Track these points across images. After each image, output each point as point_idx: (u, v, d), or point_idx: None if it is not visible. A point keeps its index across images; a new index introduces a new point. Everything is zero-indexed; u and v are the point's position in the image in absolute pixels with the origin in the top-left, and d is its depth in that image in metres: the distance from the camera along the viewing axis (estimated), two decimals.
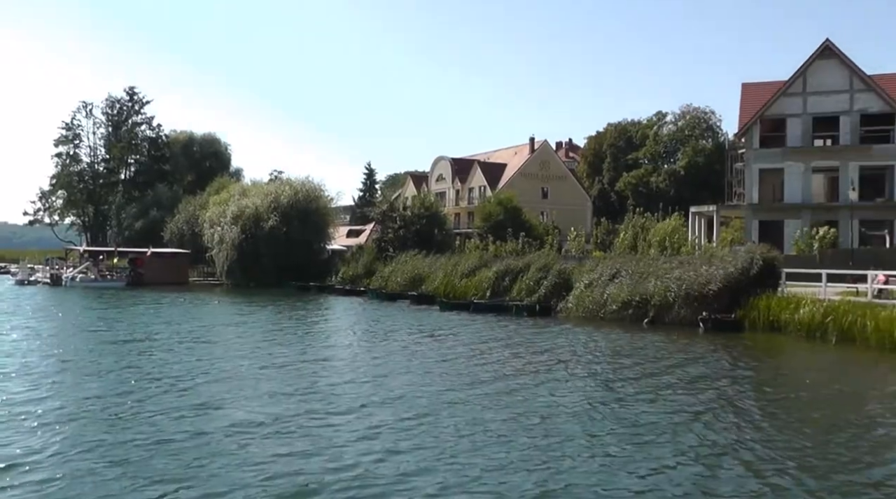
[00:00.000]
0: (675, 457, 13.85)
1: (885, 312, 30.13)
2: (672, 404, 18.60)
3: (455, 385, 20.59)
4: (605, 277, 42.61)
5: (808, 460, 13.84)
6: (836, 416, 17.81)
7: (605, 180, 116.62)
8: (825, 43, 60.45)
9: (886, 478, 12.93)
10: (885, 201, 59.31)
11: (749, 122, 62.09)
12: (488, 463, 13.29)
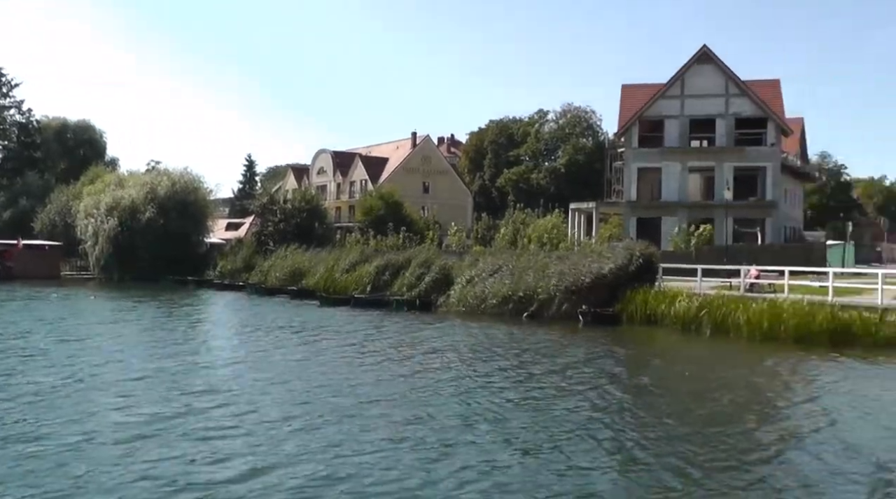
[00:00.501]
0: (559, 449, 13.91)
1: (756, 305, 31.31)
2: (551, 396, 18.75)
3: (338, 383, 20.08)
4: (485, 273, 42.83)
5: (689, 449, 14.11)
6: (714, 404, 18.37)
7: (487, 176, 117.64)
8: (702, 49, 62.33)
9: (764, 463, 13.38)
10: (757, 201, 61.66)
11: (628, 122, 63.55)
12: (371, 460, 13.09)
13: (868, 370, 23.50)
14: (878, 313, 28.84)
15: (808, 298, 30.97)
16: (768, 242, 59.61)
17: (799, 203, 79.37)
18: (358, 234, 72.78)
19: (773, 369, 24.16)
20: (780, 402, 18.97)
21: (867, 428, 16.01)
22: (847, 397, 19.36)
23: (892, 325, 28.16)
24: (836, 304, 30.23)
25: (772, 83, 66.31)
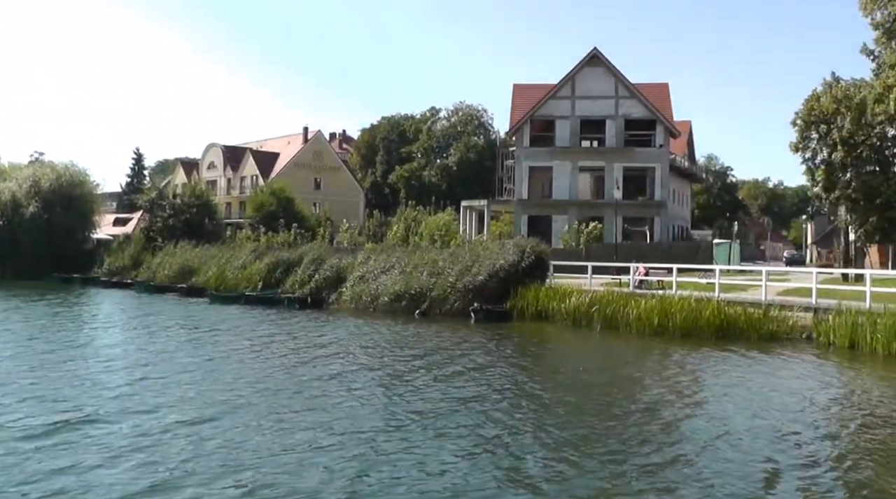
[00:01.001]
0: (455, 445, 13.73)
1: (645, 301, 31.87)
2: (445, 392, 18.53)
3: (233, 383, 19.26)
4: (377, 270, 42.62)
5: (582, 440, 14.16)
6: (609, 397, 18.53)
7: (379, 173, 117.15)
8: (593, 51, 63.39)
9: (661, 451, 13.49)
10: (646, 200, 63.08)
11: (520, 121, 64.16)
12: (259, 460, 12.69)
13: (752, 363, 24.02)
14: (763, 309, 29.76)
15: (695, 295, 31.65)
16: (657, 240, 60.98)
17: (687, 203, 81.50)
18: (249, 230, 71.53)
19: (664, 363, 24.55)
20: (671, 394, 19.14)
21: (748, 416, 16.44)
22: (732, 387, 19.86)
23: (776, 320, 29.09)
24: (723, 300, 31.09)
25: (661, 86, 67.90)
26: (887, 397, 18.77)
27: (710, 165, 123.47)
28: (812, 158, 37.02)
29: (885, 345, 25.07)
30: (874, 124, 34.19)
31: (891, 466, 12.85)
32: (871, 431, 15.38)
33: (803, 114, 36.45)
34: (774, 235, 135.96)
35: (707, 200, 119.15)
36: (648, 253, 49.81)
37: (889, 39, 36.05)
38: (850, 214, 37.33)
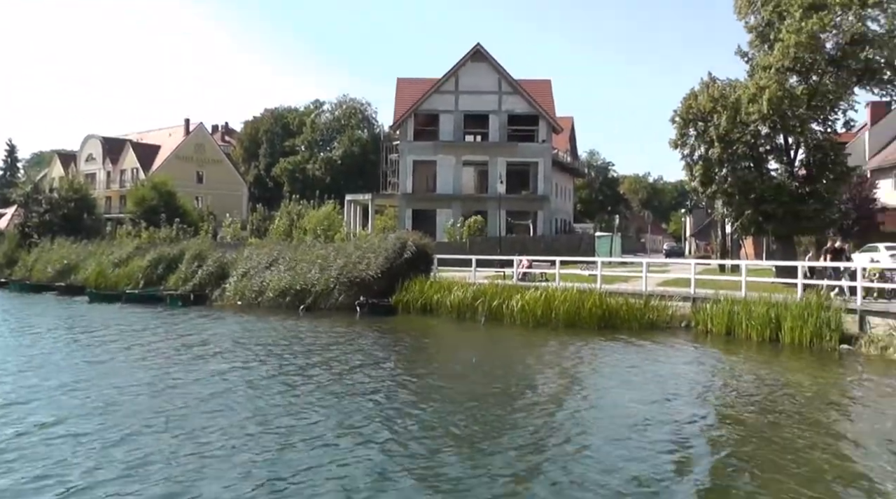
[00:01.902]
0: (345, 438, 13.53)
1: (528, 293, 32.21)
2: (331, 386, 18.25)
3: (121, 387, 18.12)
4: (261, 265, 41.94)
5: (469, 429, 14.21)
6: (506, 387, 18.55)
7: (262, 166, 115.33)
8: (476, 47, 63.77)
9: (538, 437, 13.62)
10: (529, 194, 63.82)
11: (404, 115, 64.08)
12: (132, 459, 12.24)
13: (635, 350, 24.60)
14: (643, 299, 30.46)
15: (578, 286, 32.16)
16: (540, 233, 61.82)
17: (569, 197, 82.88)
18: (130, 225, 69.51)
19: (553, 353, 24.78)
20: (565, 382, 19.55)
21: (639, 400, 16.83)
22: (619, 374, 20.36)
23: (656, 309, 29.90)
24: (605, 291, 31.65)
25: (543, 83, 68.81)
26: (762, 380, 19.52)
27: (592, 160, 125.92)
28: (690, 154, 37.82)
29: (759, 332, 26.11)
30: (748, 123, 35.18)
31: (769, 442, 13.43)
32: (748, 411, 15.99)
33: (682, 112, 37.23)
34: (654, 228, 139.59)
35: (589, 194, 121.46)
36: (532, 246, 50.44)
37: (762, 42, 37.22)
38: (727, 207, 38.32)
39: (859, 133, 67.55)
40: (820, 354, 23.80)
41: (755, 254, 55.59)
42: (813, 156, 36.88)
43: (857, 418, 15.76)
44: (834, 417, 15.72)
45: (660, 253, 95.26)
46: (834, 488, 11.11)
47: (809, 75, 36.00)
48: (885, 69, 35.64)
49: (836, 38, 35.67)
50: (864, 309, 25.30)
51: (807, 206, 35.80)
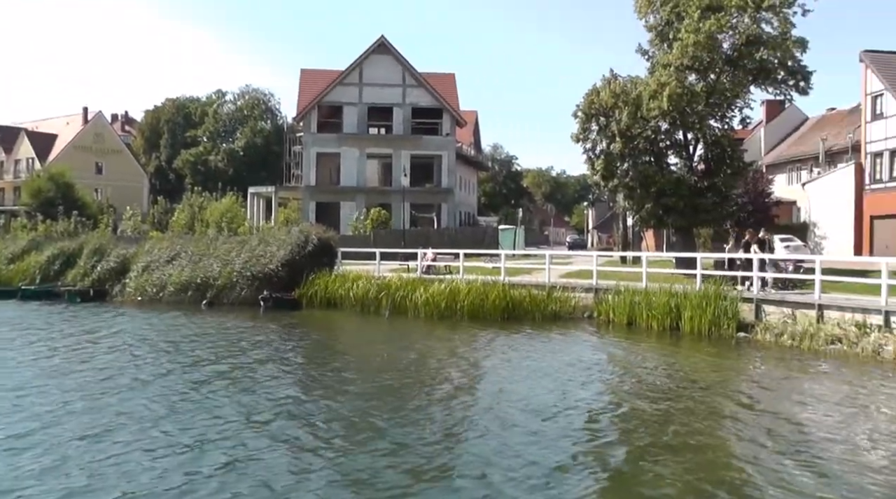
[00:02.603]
0: (259, 435, 13.34)
1: (432, 286, 32.33)
2: (240, 383, 17.92)
3: (18, 388, 17.37)
4: (163, 259, 41.10)
5: (382, 423, 14.17)
6: (420, 381, 18.64)
7: (163, 157, 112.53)
8: (380, 39, 63.54)
9: (450, 429, 13.75)
10: (433, 187, 63.99)
11: (307, 107, 63.44)
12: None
13: (539, 341, 25.00)
14: (546, 290, 30.86)
15: (482, 279, 32.41)
16: (444, 226, 61.95)
17: (473, 190, 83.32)
18: (25, 218, 67.14)
19: (456, 345, 24.81)
20: (470, 371, 19.88)
21: (534, 388, 17.26)
22: (526, 364, 20.61)
23: (559, 300, 30.37)
24: (508, 283, 31.90)
25: (447, 76, 69.00)
26: (663, 367, 20.15)
27: (495, 154, 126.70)
28: (592, 148, 38.38)
29: (659, 321, 26.84)
30: (649, 118, 35.92)
31: (669, 428, 13.82)
32: (649, 397, 16.40)
33: (584, 107, 37.74)
34: (557, 221, 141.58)
35: (493, 187, 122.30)
36: (436, 239, 50.45)
37: (662, 41, 38.06)
38: (628, 200, 39.11)
39: (755, 130, 69.73)
40: (718, 341, 24.59)
41: (656, 246, 56.84)
42: (711, 151, 37.96)
43: (754, 402, 16.27)
44: (731, 401, 16.22)
45: (563, 245, 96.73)
46: (731, 471, 11.44)
47: (707, 74, 36.97)
48: (778, 69, 36.93)
49: (733, 39, 36.75)
50: (760, 298, 26.24)
51: (705, 199, 36.80)
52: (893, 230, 45.86)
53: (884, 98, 47.99)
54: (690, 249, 37.24)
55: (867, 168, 49.37)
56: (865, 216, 48.87)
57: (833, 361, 21.00)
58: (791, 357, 21.74)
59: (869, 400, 16.55)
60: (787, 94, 39.10)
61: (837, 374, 19.48)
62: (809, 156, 60.63)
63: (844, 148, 55.33)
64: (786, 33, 36.08)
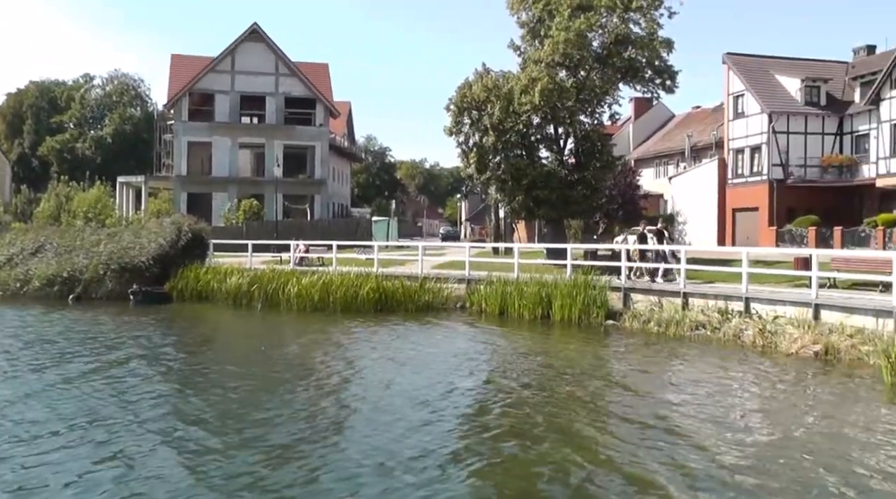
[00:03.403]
0: (132, 433, 12.90)
1: (306, 278, 32.17)
2: (109, 380, 17.22)
3: None
4: (27, 252, 39.30)
5: (259, 417, 14.11)
6: (277, 374, 18.52)
7: (27, 144, 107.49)
8: (252, 26, 62.56)
9: (328, 420, 13.75)
10: (306, 178, 63.47)
11: (178, 94, 61.95)
12: None
13: (412, 331, 25.36)
14: (419, 282, 31.16)
15: (355, 271, 32.42)
16: (317, 217, 61.62)
17: (346, 181, 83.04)
18: None
19: (330, 337, 24.81)
20: (344, 364, 19.86)
21: (408, 378, 17.61)
22: (394, 355, 20.81)
23: (432, 291, 30.77)
24: (382, 274, 32.04)
25: (320, 66, 68.64)
26: (534, 355, 20.83)
27: (369, 145, 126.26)
28: (465, 141, 38.84)
29: (530, 310, 27.53)
30: (521, 113, 36.54)
31: (539, 413, 14.22)
32: (520, 384, 16.88)
33: (457, 100, 38.15)
34: (431, 213, 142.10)
35: (366, 179, 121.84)
36: (309, 230, 50.26)
37: (533, 38, 38.84)
38: (500, 193, 39.64)
39: (624, 126, 71.74)
40: (588, 329, 25.46)
41: (528, 237, 57.85)
42: (581, 145, 38.97)
43: (623, 386, 16.95)
44: (602, 386, 16.82)
45: (436, 237, 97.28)
46: (606, 451, 11.86)
47: (578, 70, 37.97)
48: (646, 68, 38.35)
49: (602, 38, 37.95)
50: (627, 287, 27.31)
51: (575, 192, 37.72)
52: (753, 222, 48.05)
53: (744, 98, 50.43)
54: (561, 240, 38.10)
55: (729, 163, 51.70)
56: (728, 209, 51.20)
57: (697, 346, 22.08)
58: (658, 343, 22.72)
59: (732, 381, 17.61)
60: (655, 92, 40.59)
61: (702, 358, 20.51)
62: (676, 151, 62.91)
63: (708, 144, 57.79)
64: (653, 34, 37.42)
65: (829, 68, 52.19)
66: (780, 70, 51.09)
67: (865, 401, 15.55)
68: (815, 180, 48.13)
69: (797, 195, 47.38)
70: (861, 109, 46.91)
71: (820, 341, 19.80)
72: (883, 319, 19.41)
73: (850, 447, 12.15)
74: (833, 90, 49.94)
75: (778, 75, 50.67)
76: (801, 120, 48.48)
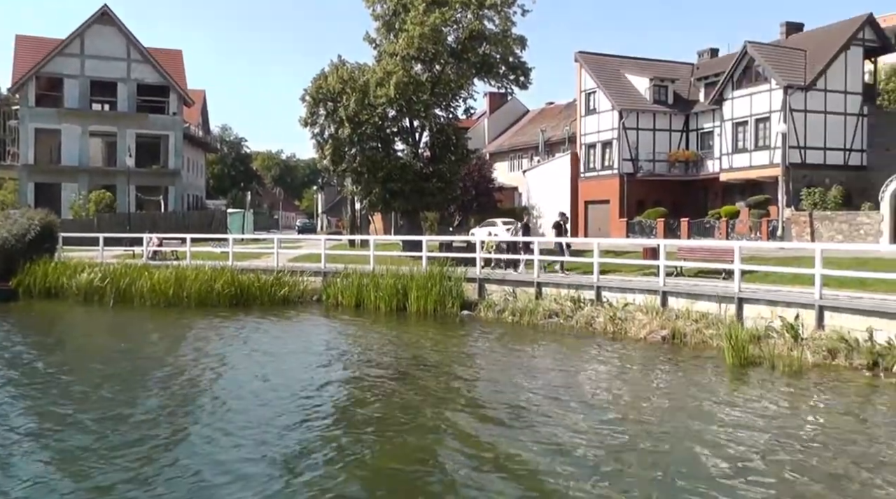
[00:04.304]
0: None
1: (159, 272, 31.53)
2: None
3: None
4: None
5: (118, 418, 13.88)
6: (144, 372, 18.11)
7: None
8: (103, 8, 60.33)
9: (187, 417, 13.65)
10: (160, 168, 61.85)
11: (24, 77, 59.16)
12: None
13: (266, 326, 25.23)
14: (275, 275, 31.08)
15: (210, 264, 32.10)
16: (171, 209, 60.36)
17: (201, 172, 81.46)
18: None
19: (186, 333, 24.57)
20: (202, 360, 19.73)
21: (266, 372, 17.69)
22: (251, 350, 20.86)
23: (288, 284, 30.68)
24: (237, 268, 31.87)
25: (174, 53, 66.94)
26: (389, 346, 21.27)
27: (224, 135, 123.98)
28: (321, 132, 38.96)
29: (387, 302, 27.93)
30: (376, 105, 36.91)
31: (393, 401, 14.67)
32: (376, 375, 17.28)
33: (312, 91, 38.18)
34: (287, 205, 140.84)
35: (222, 169, 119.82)
36: (162, 223, 49.41)
37: (388, 31, 39.16)
38: (356, 185, 39.90)
39: (479, 120, 73.12)
40: (444, 320, 26.08)
41: (384, 229, 58.37)
42: (436, 139, 39.65)
43: (478, 374, 17.78)
44: (457, 376, 17.30)
45: (293, 229, 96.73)
46: (460, 439, 12.31)
47: (433, 65, 38.56)
48: (500, 64, 39.32)
49: (457, 33, 38.65)
50: (482, 277, 28.05)
51: (430, 184, 38.38)
52: (605, 214, 49.91)
53: (596, 95, 52.33)
54: (417, 232, 38.67)
55: (581, 158, 53.53)
56: (580, 201, 52.87)
57: (551, 334, 23.00)
58: (512, 332, 23.49)
59: (584, 366, 18.65)
60: (509, 88, 41.56)
61: (555, 345, 21.42)
62: (530, 145, 64.51)
63: (562, 139, 59.60)
64: (507, 31, 38.36)
65: (676, 69, 54.86)
66: (630, 69, 53.22)
67: (709, 380, 16.69)
68: (663, 174, 50.48)
69: (646, 188, 49.59)
70: (706, 108, 49.39)
71: (667, 326, 21.06)
72: (725, 304, 20.91)
73: (694, 421, 13.21)
74: (680, 90, 52.45)
75: (628, 74, 52.77)
76: (650, 117, 50.68)
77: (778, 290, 21.15)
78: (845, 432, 12.63)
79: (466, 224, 51.77)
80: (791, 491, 10.06)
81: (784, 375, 16.72)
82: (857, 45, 43.92)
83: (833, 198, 39.79)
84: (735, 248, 22.15)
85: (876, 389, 15.61)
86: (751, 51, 44.07)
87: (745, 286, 21.39)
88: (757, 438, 12.23)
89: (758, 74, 44.26)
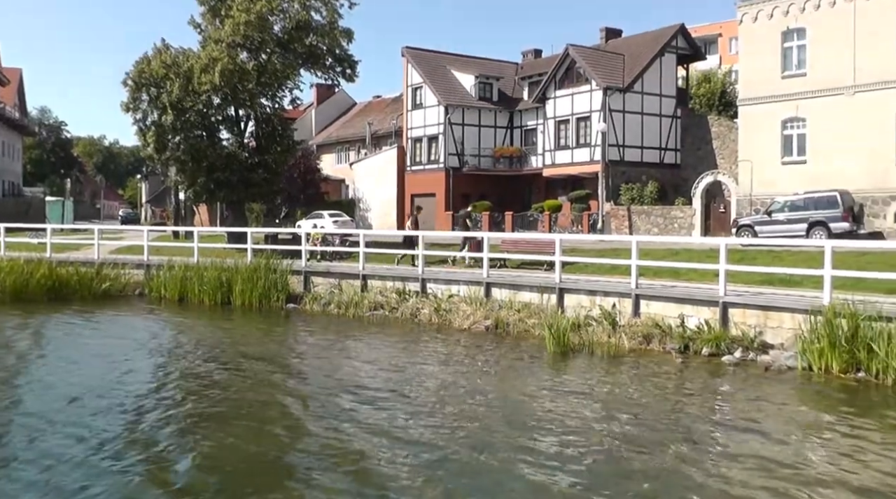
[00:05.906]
0: None
1: None
2: None
3: None
4: None
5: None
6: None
7: None
8: None
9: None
10: None
11: None
12: None
13: (87, 321, 24.32)
14: (96, 268, 30.01)
15: (25, 256, 30.63)
16: None
17: (18, 157, 77.63)
18: None
19: (6, 329, 23.18)
20: (17, 358, 18.77)
21: (86, 369, 17.11)
22: (71, 346, 20.08)
23: (109, 277, 29.71)
24: (55, 260, 30.53)
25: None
26: (215, 341, 21.01)
27: (43, 118, 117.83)
28: (143, 119, 37.89)
29: (211, 296, 27.47)
30: (201, 92, 36.19)
31: (223, 396, 14.55)
32: (200, 370, 16.97)
33: (134, 75, 37.05)
34: (110, 194, 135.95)
35: (40, 155, 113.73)
36: None
37: (214, 16, 38.48)
38: (180, 174, 39.13)
39: (307, 111, 72.79)
40: (269, 313, 25.89)
41: (209, 220, 57.29)
42: (262, 129, 39.41)
43: (303, 367, 17.78)
44: (281, 369, 17.32)
45: (115, 219, 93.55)
46: (289, 433, 12.36)
47: (259, 53, 38.27)
48: (327, 56, 39.44)
49: (284, 23, 38.48)
50: (308, 270, 27.92)
51: (256, 175, 38.15)
52: (431, 207, 50.59)
53: (422, 90, 53.10)
54: (242, 223, 38.31)
55: (408, 151, 54.20)
56: (407, 194, 53.52)
57: (376, 326, 23.22)
58: (338, 324, 23.60)
59: (409, 356, 18.90)
60: (335, 80, 41.79)
61: (380, 336, 21.64)
62: (357, 138, 64.78)
63: (389, 132, 60.22)
64: (334, 23, 38.52)
65: (501, 67, 56.32)
66: (456, 66, 54.23)
67: (531, 366, 17.37)
68: (488, 169, 51.79)
69: (472, 182, 50.76)
70: (529, 106, 50.91)
71: (491, 316, 21.68)
72: (547, 294, 21.73)
73: (519, 404, 13.88)
74: (504, 88, 53.84)
75: (454, 71, 53.73)
76: (476, 113, 51.81)
77: (597, 280, 22.19)
78: (659, 408, 13.60)
79: (293, 216, 51.46)
80: (609, 458, 10.83)
81: (602, 360, 17.66)
82: (671, 52, 46.63)
83: (649, 193, 41.97)
84: (556, 240, 23.04)
85: (686, 368, 16.71)
86: (572, 53, 45.80)
87: (566, 277, 22.31)
88: (577, 415, 13.00)
89: (579, 75, 45.97)
